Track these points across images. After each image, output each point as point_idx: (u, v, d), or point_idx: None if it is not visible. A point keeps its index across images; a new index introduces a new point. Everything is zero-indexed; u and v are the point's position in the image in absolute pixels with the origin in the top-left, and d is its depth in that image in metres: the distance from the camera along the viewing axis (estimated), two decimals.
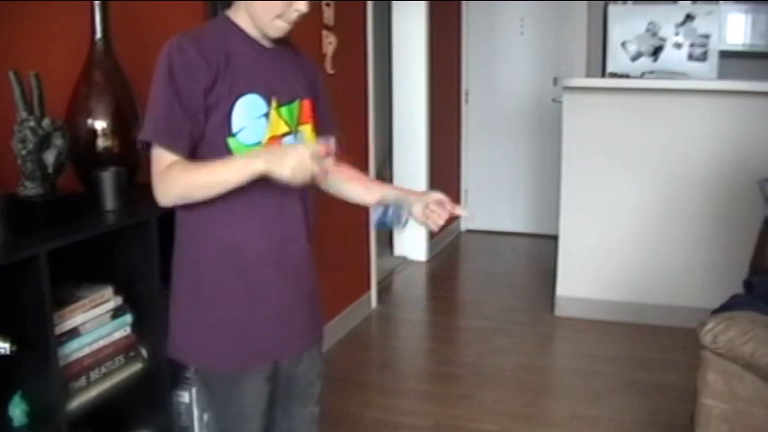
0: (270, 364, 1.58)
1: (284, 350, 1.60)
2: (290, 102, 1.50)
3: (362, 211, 4.00)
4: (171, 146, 1.38)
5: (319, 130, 1.64)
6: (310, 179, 1.33)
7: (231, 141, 1.42)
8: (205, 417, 2.04)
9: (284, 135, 1.48)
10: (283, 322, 1.56)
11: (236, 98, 1.41)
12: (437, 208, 1.56)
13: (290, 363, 1.63)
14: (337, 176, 1.65)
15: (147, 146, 1.41)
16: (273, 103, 1.46)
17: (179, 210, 1.50)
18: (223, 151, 1.41)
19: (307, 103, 1.55)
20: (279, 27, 1.45)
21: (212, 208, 1.44)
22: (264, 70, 1.47)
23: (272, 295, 1.53)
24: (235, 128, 1.41)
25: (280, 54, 1.52)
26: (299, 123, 1.53)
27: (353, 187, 1.68)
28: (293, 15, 1.44)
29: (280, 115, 1.47)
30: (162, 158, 1.39)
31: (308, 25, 3.27)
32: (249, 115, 1.43)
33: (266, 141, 1.45)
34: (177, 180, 1.38)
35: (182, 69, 1.37)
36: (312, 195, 1.60)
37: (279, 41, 1.52)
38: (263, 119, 1.44)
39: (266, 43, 1.49)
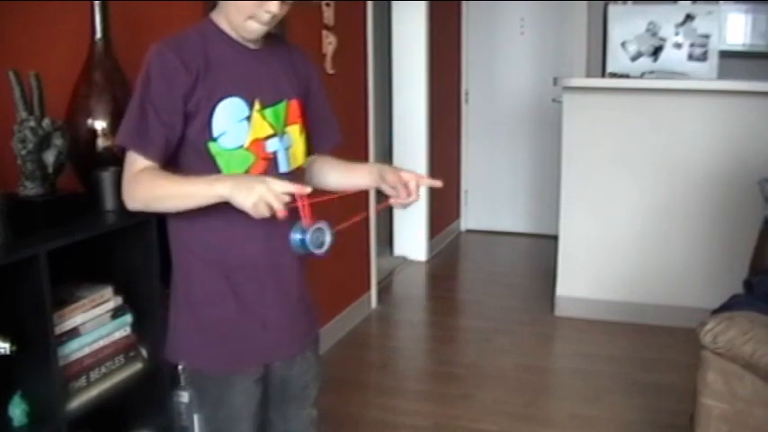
0: (260, 367, 1.58)
1: (273, 354, 1.59)
2: (276, 103, 1.48)
3: (362, 210, 4.00)
4: (143, 150, 1.38)
5: (320, 138, 1.64)
6: (271, 214, 1.30)
7: (212, 146, 1.41)
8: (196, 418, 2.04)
9: (269, 137, 1.46)
10: (271, 326, 1.55)
11: (216, 102, 1.40)
12: (400, 189, 1.59)
13: (284, 365, 1.62)
14: (327, 169, 1.66)
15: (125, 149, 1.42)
16: (256, 106, 1.44)
17: (168, 214, 1.50)
18: (204, 156, 1.41)
19: (295, 104, 1.53)
20: (252, 28, 1.43)
21: (197, 213, 1.44)
22: (247, 72, 1.46)
23: (258, 300, 1.52)
24: (215, 132, 1.40)
25: (266, 54, 1.50)
26: (287, 124, 1.51)
27: (346, 179, 1.68)
28: (265, 17, 1.40)
29: (264, 117, 1.46)
30: (135, 162, 1.39)
31: (308, 25, 3.28)
32: (230, 119, 1.41)
33: (248, 145, 1.43)
34: (142, 187, 1.39)
35: (159, 75, 1.37)
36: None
37: (268, 40, 1.51)
38: (245, 122, 1.43)
39: (250, 44, 1.48)
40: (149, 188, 1.39)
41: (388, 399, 3.04)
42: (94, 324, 1.71)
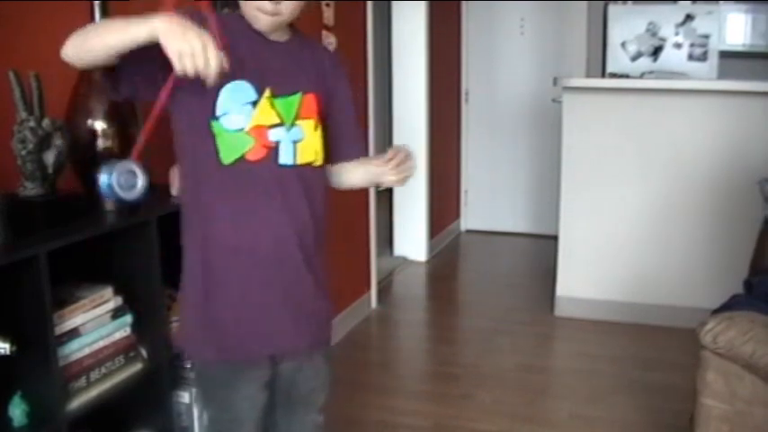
0: (266, 369, 1.56)
1: (278, 344, 1.56)
2: (290, 94, 1.48)
3: (362, 210, 4.00)
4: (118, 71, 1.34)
5: (340, 150, 1.62)
6: (198, 70, 1.22)
7: (214, 124, 1.41)
8: (196, 411, 2.04)
9: (274, 126, 1.45)
10: (277, 314, 1.52)
11: (225, 82, 1.39)
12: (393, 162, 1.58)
13: (292, 367, 1.61)
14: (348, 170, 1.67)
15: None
16: (266, 93, 1.44)
17: (181, 203, 1.51)
18: (206, 133, 1.41)
19: (311, 98, 1.52)
20: (260, 19, 1.43)
21: (203, 202, 1.45)
22: (263, 61, 1.46)
23: (263, 288, 1.50)
24: (219, 111, 1.41)
25: (287, 47, 1.51)
26: (299, 117, 1.50)
27: (346, 176, 1.69)
28: (267, 7, 1.40)
29: (272, 106, 1.45)
30: None
31: (307, 25, 3.28)
32: (235, 101, 1.42)
33: (249, 129, 1.43)
34: (78, 33, 1.34)
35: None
36: (323, 200, 1.57)
37: (295, 36, 1.52)
38: (250, 106, 1.43)
39: (273, 36, 1.48)
40: (85, 28, 1.34)
41: (388, 399, 3.04)
42: (94, 324, 1.71)
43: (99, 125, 1.82)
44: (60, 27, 1.89)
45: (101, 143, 1.83)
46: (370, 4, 3.93)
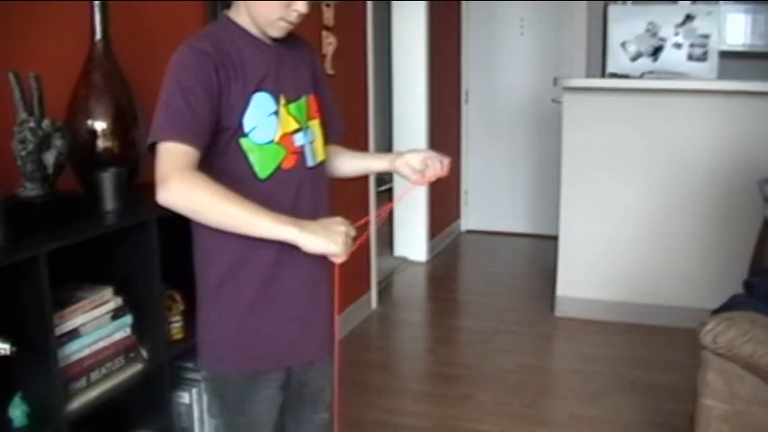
0: (283, 371, 1.57)
1: (298, 355, 1.57)
2: (298, 98, 1.50)
3: (362, 210, 4.00)
4: (188, 140, 1.31)
5: (330, 130, 1.64)
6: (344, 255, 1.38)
7: (244, 141, 1.41)
8: (207, 421, 2.04)
9: (295, 132, 1.47)
10: (298, 327, 1.53)
11: (249, 98, 1.41)
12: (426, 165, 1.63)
13: (302, 369, 1.62)
14: (341, 158, 1.70)
15: (153, 146, 1.34)
16: (282, 101, 1.46)
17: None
18: (236, 152, 1.41)
19: (313, 98, 1.55)
20: (280, 27, 1.45)
21: None
22: (271, 68, 1.46)
23: (285, 299, 1.51)
24: (247, 127, 1.41)
25: (283, 51, 1.51)
26: (309, 119, 1.52)
27: (360, 162, 1.76)
28: (293, 16, 1.44)
29: (289, 112, 1.47)
30: (176, 154, 1.30)
31: (307, 26, 3.27)
32: (260, 114, 1.42)
33: (278, 139, 1.44)
34: (200, 191, 1.29)
35: (197, 65, 1.35)
36: (328, 200, 1.58)
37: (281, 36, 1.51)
38: (274, 116, 1.44)
39: (270, 41, 1.49)
40: (208, 197, 1.29)
41: (388, 399, 3.04)
42: (95, 325, 1.70)
43: (99, 126, 1.82)
44: (60, 27, 1.90)
45: (101, 144, 1.83)
46: (370, 5, 3.94)
